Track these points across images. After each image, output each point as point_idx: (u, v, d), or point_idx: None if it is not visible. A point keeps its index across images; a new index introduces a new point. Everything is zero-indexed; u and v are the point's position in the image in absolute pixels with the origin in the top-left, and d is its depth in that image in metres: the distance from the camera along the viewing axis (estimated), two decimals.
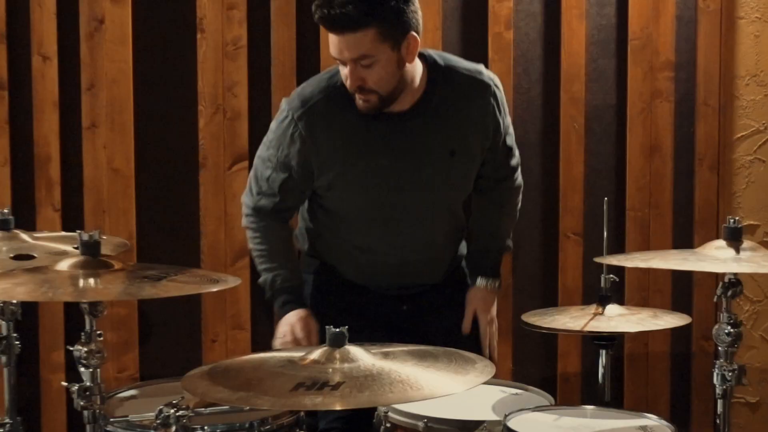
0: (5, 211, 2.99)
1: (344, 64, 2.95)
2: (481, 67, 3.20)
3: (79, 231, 2.45)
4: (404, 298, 3.29)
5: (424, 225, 3.21)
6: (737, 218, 2.69)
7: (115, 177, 3.77)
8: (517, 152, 3.35)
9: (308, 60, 3.82)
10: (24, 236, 2.94)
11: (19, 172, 3.74)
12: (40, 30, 3.71)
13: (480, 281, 3.30)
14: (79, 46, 3.73)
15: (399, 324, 3.21)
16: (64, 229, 3.71)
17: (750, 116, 4.03)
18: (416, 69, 3.04)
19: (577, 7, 3.89)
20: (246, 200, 3.29)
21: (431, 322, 3.21)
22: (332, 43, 2.93)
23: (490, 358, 3.15)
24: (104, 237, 2.48)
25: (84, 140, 3.76)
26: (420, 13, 2.97)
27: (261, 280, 3.25)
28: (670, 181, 4.01)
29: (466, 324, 3.28)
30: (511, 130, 3.31)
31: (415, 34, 2.95)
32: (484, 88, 3.15)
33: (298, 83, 3.70)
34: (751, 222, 4.01)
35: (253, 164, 3.28)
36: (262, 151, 3.22)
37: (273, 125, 3.19)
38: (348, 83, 2.97)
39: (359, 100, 2.99)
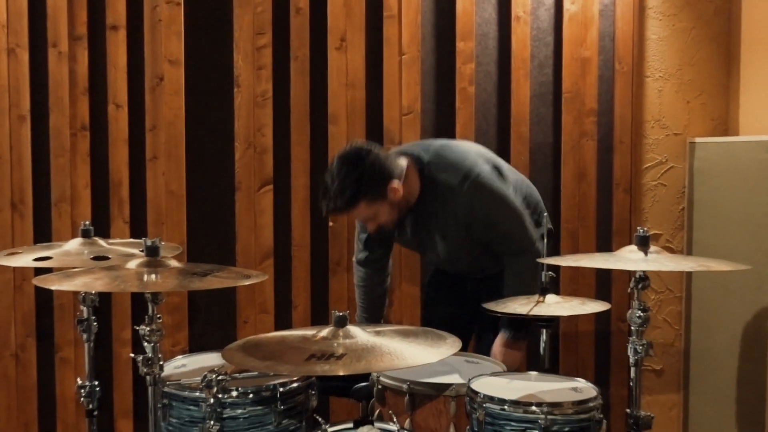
0: (87, 223, 3.03)
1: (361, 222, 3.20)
2: (462, 174, 3.05)
3: (143, 238, 2.49)
4: (467, 279, 3.40)
5: (448, 260, 3.31)
6: (645, 229, 2.70)
7: (170, 197, 3.78)
8: (520, 240, 3.15)
9: (319, 109, 3.84)
10: (101, 242, 2.98)
11: (97, 193, 3.75)
12: (114, 85, 3.72)
13: (501, 333, 3.21)
14: (144, 97, 3.75)
15: (466, 293, 3.38)
16: (132, 237, 3.72)
17: (655, 151, 4.05)
18: (412, 184, 3.06)
19: (523, 68, 3.90)
20: (354, 259, 3.50)
21: (484, 296, 3.06)
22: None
23: None
24: (162, 243, 2.47)
25: (147, 169, 3.77)
26: (389, 159, 3.01)
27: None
28: (594, 200, 4.00)
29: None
30: (507, 224, 3.14)
31: (394, 181, 2.96)
32: (460, 195, 3.05)
33: (311, 126, 3.83)
34: (656, 232, 4.04)
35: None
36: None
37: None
38: (371, 230, 3.17)
39: (383, 229, 3.13)
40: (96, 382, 2.99)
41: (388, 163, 3.00)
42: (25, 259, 2.79)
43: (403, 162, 3.05)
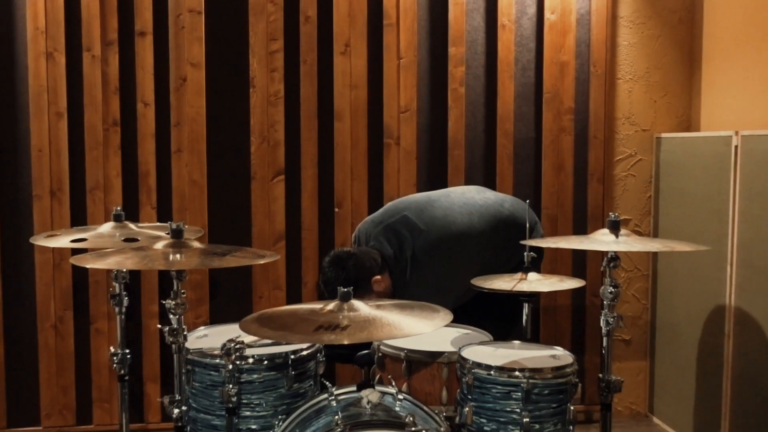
0: (118, 208, 3.04)
1: None
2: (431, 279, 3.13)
3: (169, 222, 2.50)
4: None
5: None
6: (616, 214, 2.71)
7: (193, 186, 3.79)
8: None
9: (325, 107, 3.84)
10: (131, 226, 2.98)
11: (127, 182, 3.75)
12: (142, 85, 3.72)
13: None
14: (169, 96, 3.74)
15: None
16: (158, 221, 3.72)
17: (625, 146, 4.06)
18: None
19: (508, 71, 3.90)
20: None
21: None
22: None
23: None
24: (186, 226, 2.48)
25: (172, 161, 3.77)
26: (369, 256, 3.08)
27: None
28: (571, 189, 4.01)
29: None
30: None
31: (376, 277, 3.05)
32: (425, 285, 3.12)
33: (319, 123, 3.83)
34: (626, 217, 4.05)
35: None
36: None
37: None
38: None
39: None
40: (127, 351, 3.01)
41: (368, 262, 3.07)
42: (63, 241, 2.81)
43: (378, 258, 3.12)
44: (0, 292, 3.72)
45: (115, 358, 3.00)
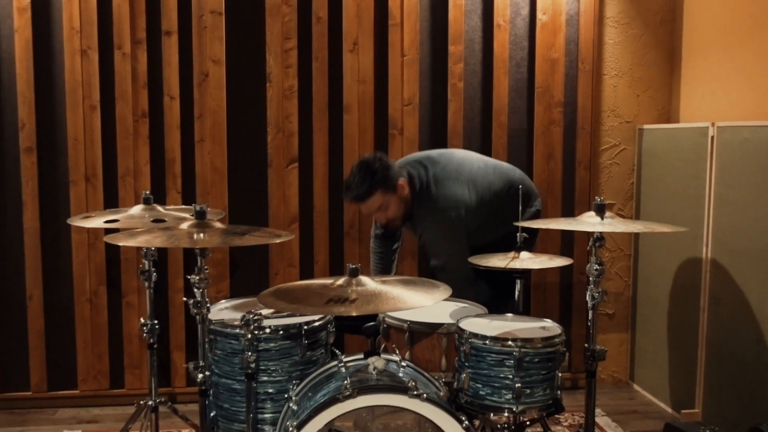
0: (147, 192, 3.03)
1: (371, 214, 3.20)
2: (442, 203, 3.14)
3: (193, 204, 2.50)
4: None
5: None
6: (602, 199, 2.68)
7: (215, 172, 3.79)
8: (439, 255, 3.20)
9: (335, 100, 3.83)
10: (159, 208, 2.98)
11: (155, 169, 3.75)
12: (168, 80, 3.72)
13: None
14: (193, 90, 3.74)
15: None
16: (183, 204, 3.72)
17: (610, 136, 4.04)
18: (409, 193, 3.16)
19: (503, 67, 3.89)
20: (371, 235, 3.54)
21: None
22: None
23: None
24: (208, 208, 2.49)
25: (196, 149, 3.77)
26: (395, 166, 3.14)
27: None
28: (560, 176, 3.99)
29: None
30: (444, 246, 3.19)
31: (401, 179, 3.11)
32: (435, 213, 3.15)
33: (330, 116, 3.82)
34: (610, 201, 4.03)
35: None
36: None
37: None
38: (379, 223, 3.26)
39: (391, 226, 3.24)
40: (155, 321, 3.01)
41: (394, 168, 3.13)
42: (97, 222, 2.80)
43: (404, 172, 3.18)
44: (41, 270, 3.74)
45: (144, 328, 3.00)
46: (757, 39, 3.35)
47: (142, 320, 3.02)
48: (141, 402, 3.01)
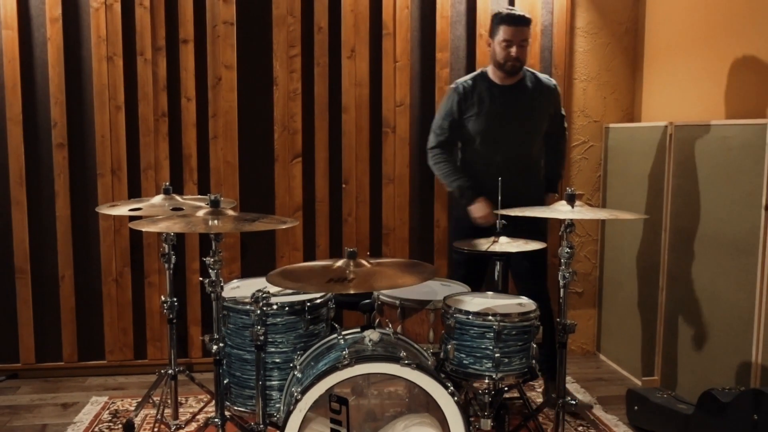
0: (167, 184, 2.98)
1: (512, 45, 3.13)
2: (549, 77, 3.37)
3: (208, 194, 2.50)
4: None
5: (521, 145, 3.26)
6: (572, 189, 2.68)
7: (227, 166, 3.76)
8: (566, 122, 3.48)
9: (335, 102, 3.80)
10: (177, 198, 2.93)
11: (174, 162, 3.73)
12: (185, 83, 3.69)
13: (550, 193, 3.44)
14: (207, 93, 3.72)
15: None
16: (199, 194, 3.71)
17: (580, 134, 4.03)
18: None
19: None
20: (430, 145, 3.33)
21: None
22: (510, 33, 3.12)
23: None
24: (222, 198, 2.47)
25: (210, 145, 3.75)
26: None
27: (452, 188, 3.27)
28: None
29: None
30: (563, 111, 3.45)
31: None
32: (551, 87, 3.34)
33: (330, 117, 3.80)
34: (580, 192, 4.01)
35: (431, 130, 3.36)
36: (437, 117, 3.34)
37: (443, 100, 3.36)
38: (513, 54, 3.13)
39: (509, 65, 3.17)
40: (174, 299, 3.00)
41: None
42: (122, 210, 2.78)
43: None
44: (72, 253, 3.73)
45: (165, 305, 2.98)
46: (709, 48, 3.34)
47: (162, 298, 3.00)
48: (162, 371, 3.01)
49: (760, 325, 2.82)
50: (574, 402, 2.81)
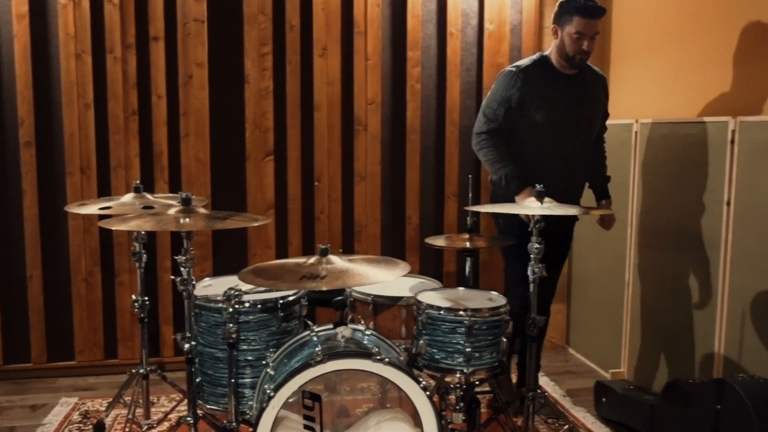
0: (137, 182, 2.94)
1: (584, 38, 2.88)
2: (596, 68, 3.16)
3: (179, 192, 2.47)
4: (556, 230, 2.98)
5: (579, 137, 3.05)
6: (541, 186, 2.63)
7: (198, 164, 3.74)
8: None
9: (307, 100, 3.79)
10: (148, 196, 2.90)
11: (145, 161, 3.69)
12: (156, 81, 3.65)
13: (606, 200, 3.22)
14: (178, 90, 3.68)
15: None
16: (170, 192, 3.67)
17: None
18: None
19: (455, 71, 3.88)
20: (478, 131, 3.04)
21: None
22: (583, 25, 2.85)
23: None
24: (193, 196, 2.45)
25: (181, 143, 3.71)
26: None
27: (498, 175, 2.98)
28: None
29: (605, 224, 3.19)
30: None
31: None
32: (603, 78, 3.16)
33: (301, 114, 3.78)
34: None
35: (479, 112, 3.07)
36: (488, 100, 3.03)
37: (498, 84, 3.02)
38: (585, 48, 2.89)
39: (578, 58, 2.93)
40: (146, 298, 2.97)
41: None
42: (92, 209, 2.74)
43: None
44: (39, 252, 3.67)
45: (136, 304, 2.95)
46: (674, 46, 3.39)
47: (134, 297, 2.96)
48: (133, 370, 2.97)
49: (722, 318, 2.88)
50: (544, 394, 2.82)
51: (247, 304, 2.48)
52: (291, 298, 2.58)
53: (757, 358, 2.70)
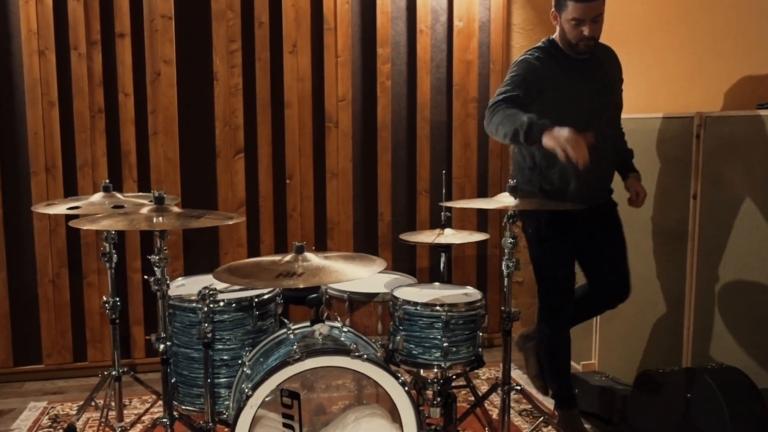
0: (107, 181, 2.90)
1: (583, 24, 2.61)
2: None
3: (153, 190, 2.44)
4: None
5: (608, 125, 2.77)
6: (513, 181, 2.65)
7: (168, 162, 3.69)
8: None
9: (277, 97, 3.77)
10: (118, 195, 2.86)
11: (112, 160, 3.64)
12: (123, 78, 3.60)
13: (633, 174, 2.91)
14: (146, 88, 3.64)
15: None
16: (139, 191, 3.63)
17: None
18: None
19: (425, 68, 3.90)
20: (496, 100, 2.63)
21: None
22: (580, 9, 2.59)
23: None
24: (165, 195, 2.40)
25: (150, 141, 3.67)
26: None
27: (516, 127, 2.47)
28: (476, 163, 4.02)
29: (638, 198, 2.86)
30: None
31: None
32: (612, 51, 2.86)
33: (272, 111, 3.76)
34: None
35: (497, 92, 2.67)
36: (506, 80, 2.71)
37: (514, 67, 2.72)
38: (586, 33, 2.62)
39: (583, 45, 2.66)
40: (117, 299, 2.92)
41: None
42: (60, 209, 2.68)
43: None
44: (4, 254, 3.58)
45: (107, 305, 2.89)
46: (644, 44, 3.44)
47: (104, 298, 2.90)
48: (105, 372, 2.91)
49: (690, 308, 2.93)
50: (518, 387, 2.84)
51: (221, 303, 2.43)
52: (266, 297, 2.53)
53: (725, 347, 2.76)
